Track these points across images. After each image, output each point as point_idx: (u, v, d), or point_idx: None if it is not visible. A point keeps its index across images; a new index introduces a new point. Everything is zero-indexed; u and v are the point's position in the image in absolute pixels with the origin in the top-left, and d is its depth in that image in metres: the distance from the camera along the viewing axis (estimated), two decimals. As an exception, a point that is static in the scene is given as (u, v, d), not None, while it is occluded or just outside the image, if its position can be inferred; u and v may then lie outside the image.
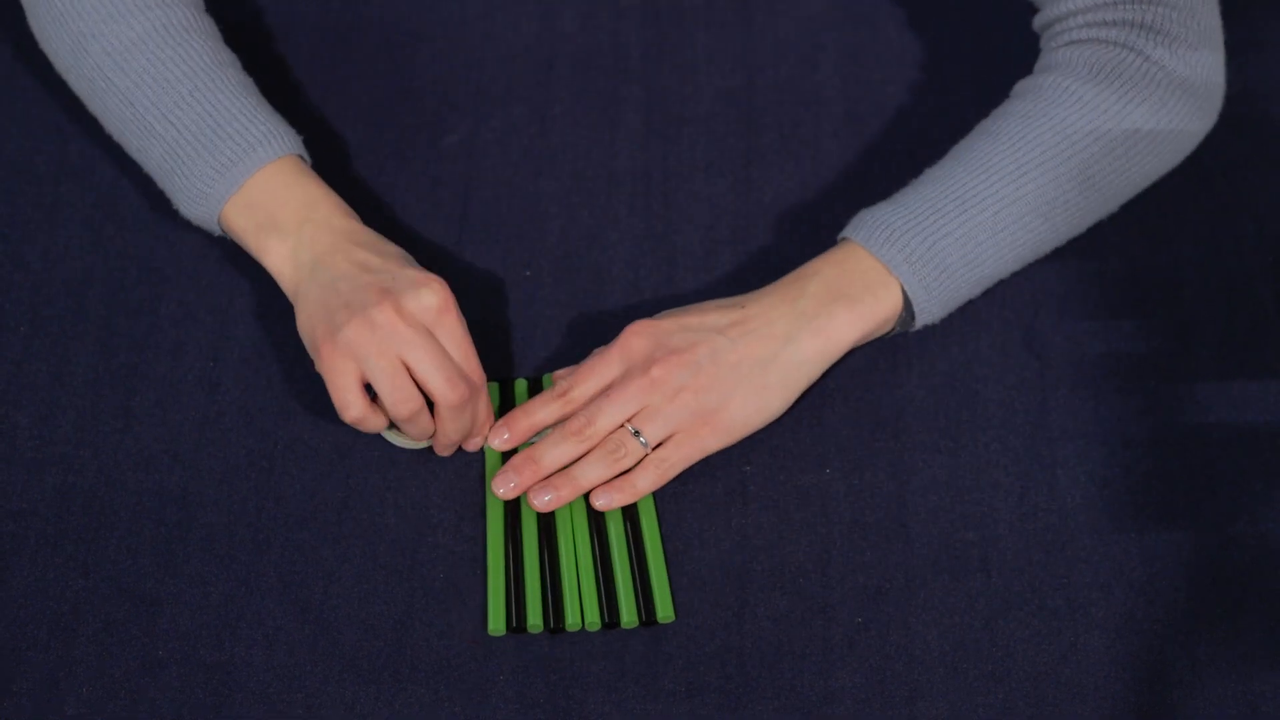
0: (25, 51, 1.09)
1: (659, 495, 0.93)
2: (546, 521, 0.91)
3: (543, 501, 0.91)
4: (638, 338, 0.92)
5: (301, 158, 0.98)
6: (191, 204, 0.96)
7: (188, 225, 1.02)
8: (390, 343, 0.87)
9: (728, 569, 0.91)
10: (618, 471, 0.91)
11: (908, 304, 0.94)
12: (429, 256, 1.03)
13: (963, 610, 0.89)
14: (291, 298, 0.93)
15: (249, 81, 0.99)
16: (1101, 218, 0.99)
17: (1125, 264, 1.02)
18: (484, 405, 0.92)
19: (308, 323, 0.91)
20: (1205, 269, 1.02)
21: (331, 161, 1.07)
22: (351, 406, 0.89)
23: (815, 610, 0.89)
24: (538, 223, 1.05)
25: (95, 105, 1.00)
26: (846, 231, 0.96)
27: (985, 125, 0.98)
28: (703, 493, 0.93)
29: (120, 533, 0.92)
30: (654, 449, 0.92)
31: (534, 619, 0.88)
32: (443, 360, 0.88)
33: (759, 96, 1.11)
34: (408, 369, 0.88)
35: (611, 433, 0.91)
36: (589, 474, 0.91)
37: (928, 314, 0.95)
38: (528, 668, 0.87)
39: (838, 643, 0.88)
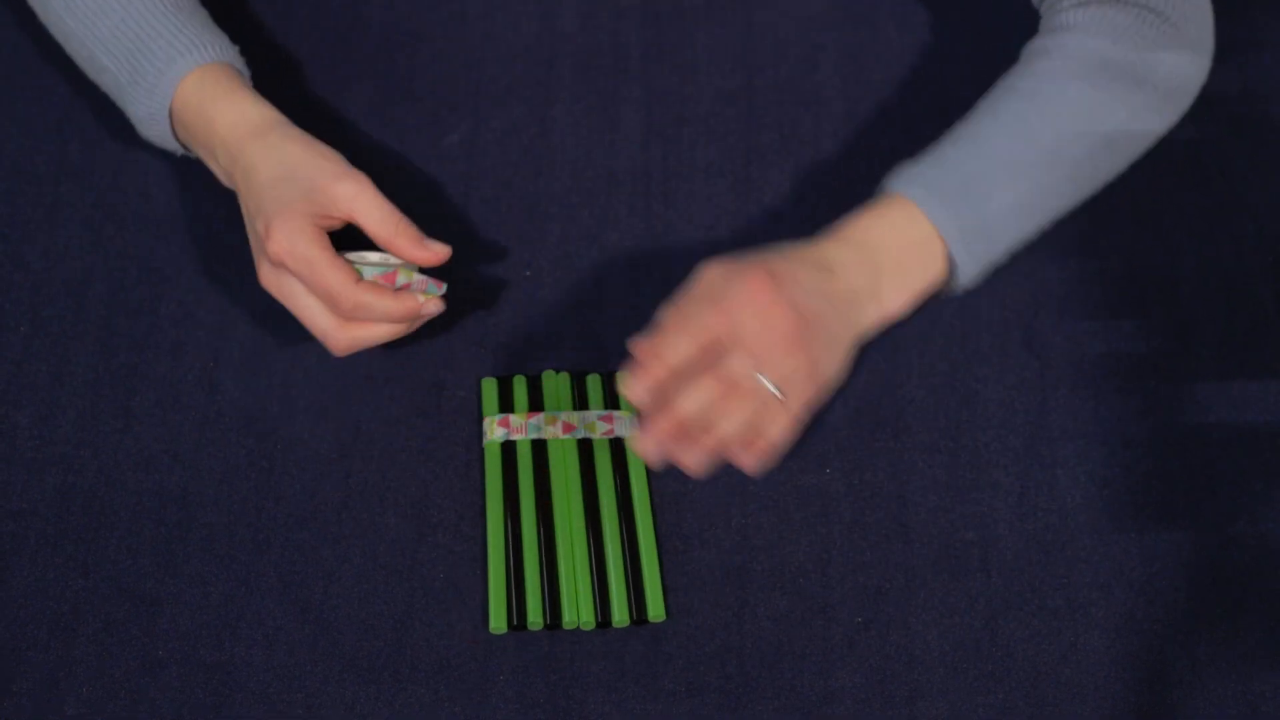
0: (25, 52, 1.09)
1: (658, 495, 0.93)
2: (545, 521, 0.92)
3: (696, 460, 0.85)
4: (775, 295, 0.86)
5: (234, 66, 0.97)
6: (146, 128, 0.97)
7: (189, 225, 1.02)
8: (278, 295, 0.92)
9: (728, 569, 0.91)
10: (753, 420, 0.85)
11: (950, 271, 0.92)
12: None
13: (963, 610, 0.89)
14: None
15: (185, 3, 0.98)
16: (1112, 179, 0.97)
17: (1125, 264, 1.02)
18: (385, 308, 0.91)
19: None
20: (1204, 269, 1.02)
21: (331, 161, 1.07)
22: (317, 319, 0.92)
23: (815, 610, 0.89)
24: (538, 223, 1.05)
25: (69, 51, 1.01)
26: (898, 187, 0.92)
27: (1014, 84, 0.95)
28: (703, 493, 0.93)
29: (120, 533, 0.92)
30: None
31: (534, 617, 0.88)
32: (306, 313, 0.91)
33: (759, 96, 1.10)
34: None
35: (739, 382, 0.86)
36: (727, 426, 0.85)
37: (968, 279, 0.92)
38: (528, 667, 0.87)
39: (838, 643, 0.88)
